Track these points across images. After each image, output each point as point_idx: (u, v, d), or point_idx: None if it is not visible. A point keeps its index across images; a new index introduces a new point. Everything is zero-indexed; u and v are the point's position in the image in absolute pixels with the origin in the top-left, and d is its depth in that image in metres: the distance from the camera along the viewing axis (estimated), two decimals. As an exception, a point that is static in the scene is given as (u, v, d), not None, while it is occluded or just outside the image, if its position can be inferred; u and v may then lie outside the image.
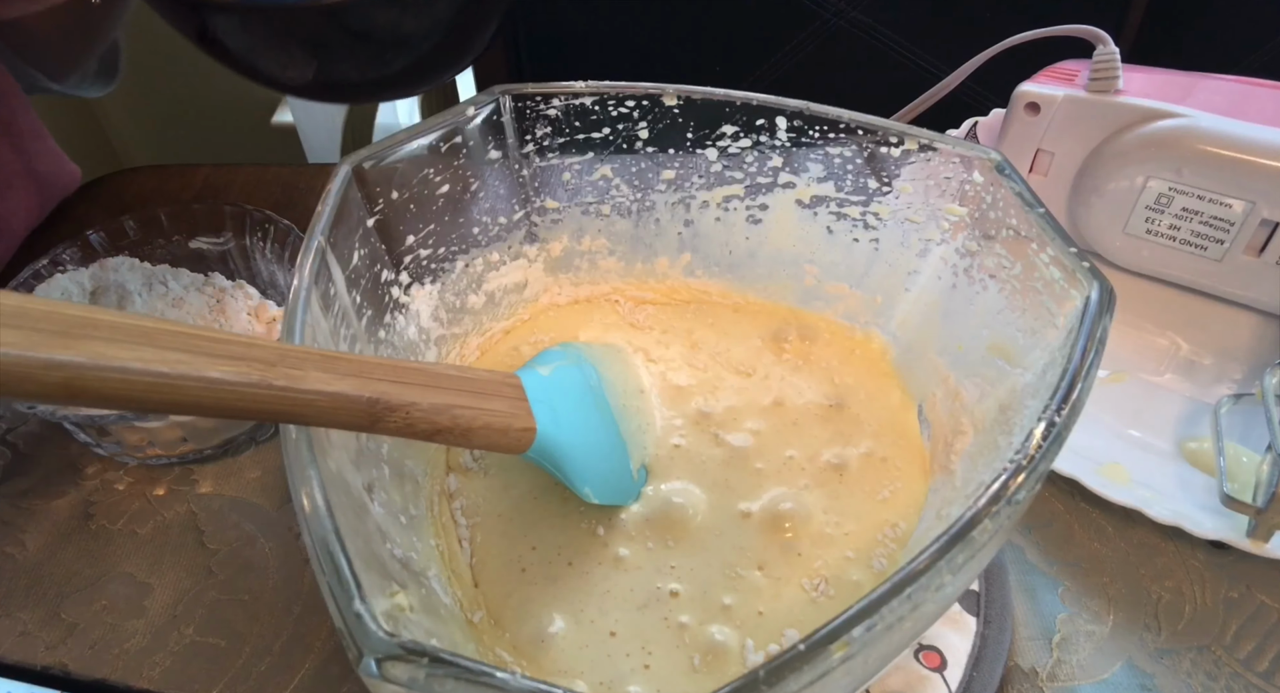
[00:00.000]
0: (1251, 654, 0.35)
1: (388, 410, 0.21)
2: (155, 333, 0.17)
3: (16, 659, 0.36)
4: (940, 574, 0.20)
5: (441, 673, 0.18)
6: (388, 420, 0.22)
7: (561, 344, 0.31)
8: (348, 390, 0.21)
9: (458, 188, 0.34)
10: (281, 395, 0.19)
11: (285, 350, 0.20)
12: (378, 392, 0.21)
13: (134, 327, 0.17)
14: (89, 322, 0.16)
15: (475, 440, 0.25)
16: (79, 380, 0.16)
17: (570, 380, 0.31)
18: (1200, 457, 0.40)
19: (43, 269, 0.44)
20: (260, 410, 0.20)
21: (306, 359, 0.20)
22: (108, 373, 0.16)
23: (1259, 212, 0.41)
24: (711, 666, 0.28)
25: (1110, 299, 0.25)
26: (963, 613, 0.34)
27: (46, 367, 0.16)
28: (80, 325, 0.16)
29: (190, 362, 0.18)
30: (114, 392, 0.17)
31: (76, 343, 0.16)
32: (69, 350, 0.16)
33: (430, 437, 0.23)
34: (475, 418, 0.24)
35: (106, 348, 0.16)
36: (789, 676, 0.18)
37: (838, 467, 0.33)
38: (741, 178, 0.37)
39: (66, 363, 0.16)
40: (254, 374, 0.19)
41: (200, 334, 0.18)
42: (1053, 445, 0.22)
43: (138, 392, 0.17)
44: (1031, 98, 0.45)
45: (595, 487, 0.30)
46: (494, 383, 0.26)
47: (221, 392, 0.18)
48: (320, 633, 0.36)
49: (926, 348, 0.35)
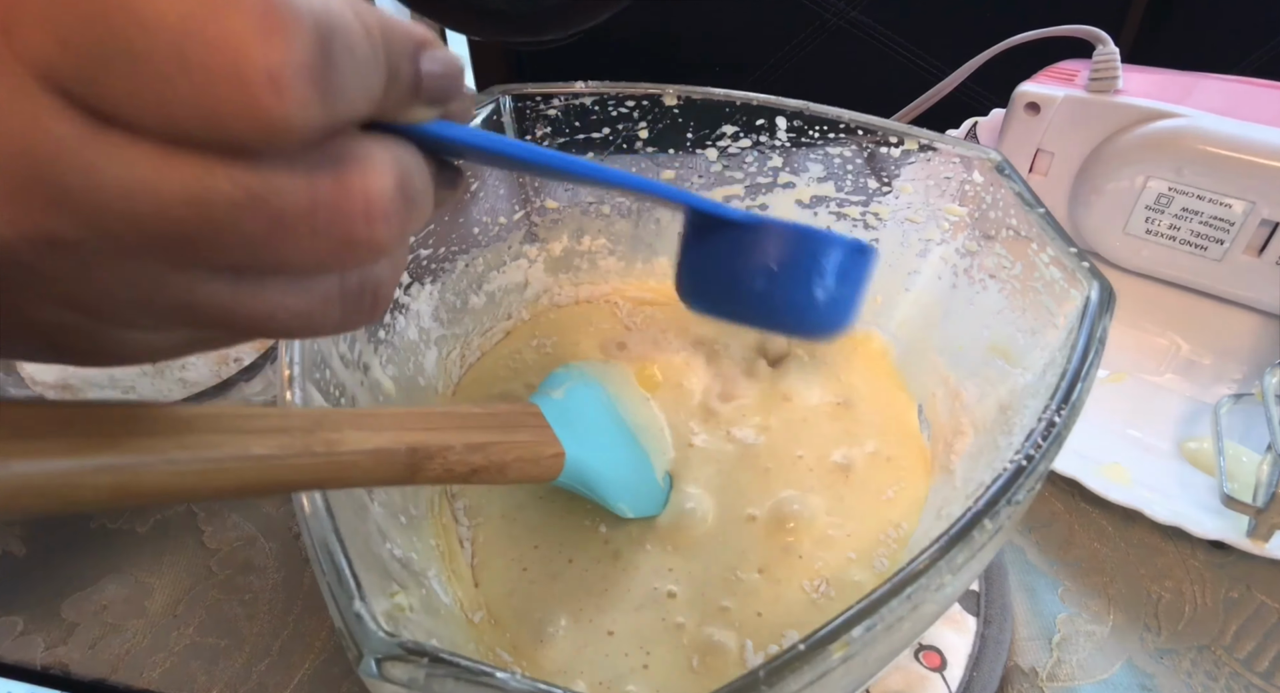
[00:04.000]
0: (1251, 654, 0.35)
1: (426, 458, 0.21)
2: (193, 419, 0.17)
3: (16, 659, 0.36)
4: (940, 574, 0.20)
5: (441, 673, 0.18)
6: (427, 469, 0.21)
7: (563, 366, 0.32)
8: (386, 445, 0.20)
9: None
10: (326, 461, 0.19)
11: (318, 415, 0.20)
12: (414, 441, 0.21)
13: (172, 416, 0.17)
14: (128, 417, 0.16)
15: (510, 474, 0.25)
16: (131, 481, 0.16)
17: (584, 400, 0.31)
18: (1200, 457, 0.40)
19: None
20: (307, 481, 0.19)
21: (340, 420, 0.20)
22: (158, 468, 0.16)
23: (1259, 212, 0.41)
24: (710, 666, 0.28)
25: (1110, 299, 0.25)
26: (963, 613, 0.34)
27: (97, 471, 0.15)
28: (120, 423, 0.16)
29: (233, 442, 0.17)
30: (166, 486, 0.16)
31: (120, 442, 0.16)
32: (115, 451, 0.15)
33: (468, 478, 0.23)
34: (508, 452, 0.24)
35: (150, 442, 0.16)
36: (789, 676, 0.18)
37: (844, 467, 0.33)
38: (741, 178, 0.37)
39: (115, 465, 0.15)
40: (296, 444, 0.18)
41: (234, 413, 0.18)
42: (1053, 445, 0.22)
43: (190, 482, 0.17)
44: (1031, 98, 0.45)
45: (629, 501, 0.30)
46: (516, 414, 0.26)
47: (269, 468, 0.18)
48: (320, 633, 0.36)
49: (927, 348, 0.35)
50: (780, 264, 0.25)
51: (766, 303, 0.25)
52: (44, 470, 0.14)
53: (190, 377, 0.42)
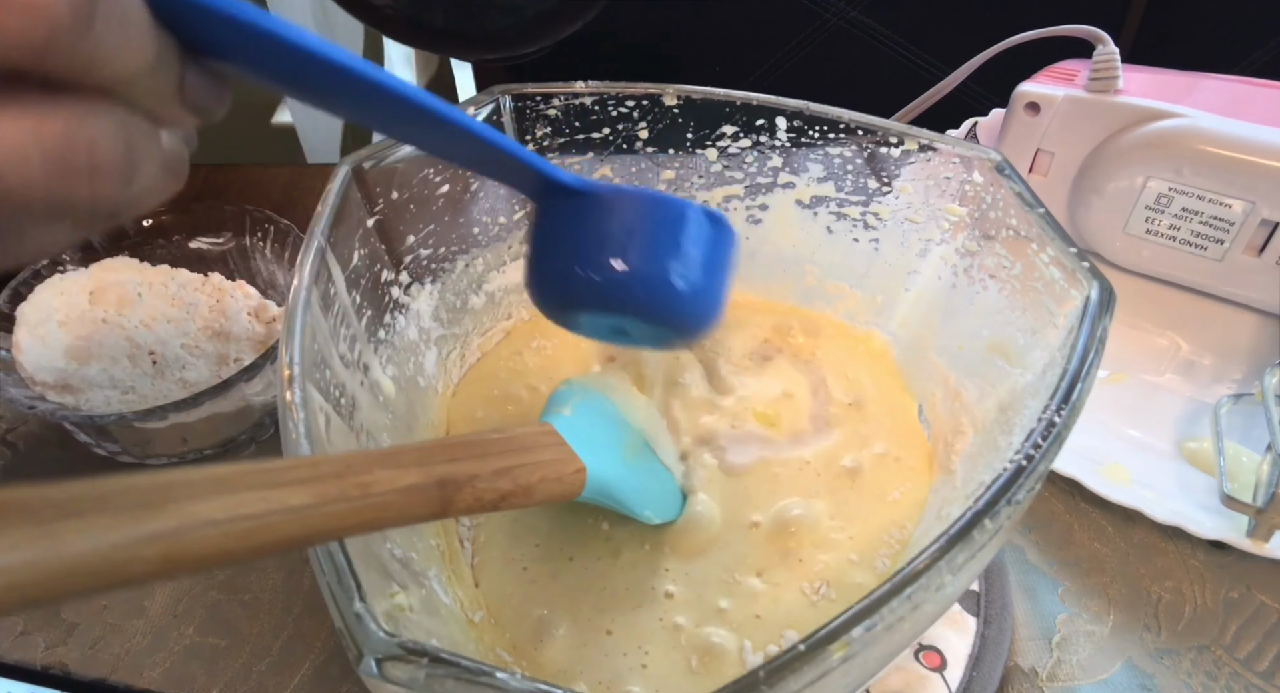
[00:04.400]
0: (1251, 654, 0.35)
1: (455, 490, 0.21)
2: (227, 478, 0.17)
3: (16, 659, 0.36)
4: (940, 574, 0.20)
5: (441, 673, 0.18)
6: (457, 500, 0.21)
7: (564, 383, 0.32)
8: (416, 481, 0.20)
9: (458, 188, 0.34)
10: (362, 505, 0.19)
11: (346, 459, 0.20)
12: (442, 474, 0.21)
13: (206, 478, 0.17)
14: (165, 485, 0.16)
15: (537, 496, 0.24)
16: (178, 547, 0.16)
17: (592, 414, 0.31)
18: (1200, 457, 0.40)
19: (43, 269, 0.44)
20: (348, 526, 0.19)
21: (368, 461, 0.20)
22: (203, 531, 0.16)
23: (1259, 212, 0.41)
24: (709, 667, 0.28)
25: (1110, 299, 0.25)
26: (963, 613, 0.34)
27: (146, 541, 0.15)
28: (159, 491, 0.16)
29: (270, 497, 0.17)
30: (212, 549, 0.16)
31: (162, 509, 0.16)
32: (160, 519, 0.15)
33: (498, 505, 0.23)
34: (532, 473, 0.24)
35: (191, 506, 0.16)
36: (789, 676, 0.18)
37: (851, 471, 0.33)
38: (741, 178, 0.37)
39: (161, 533, 0.15)
40: (331, 490, 0.18)
41: (265, 468, 0.18)
42: (1053, 445, 0.22)
43: (235, 543, 0.16)
44: (1031, 98, 0.45)
45: (653, 508, 0.30)
46: (533, 436, 0.26)
47: (309, 518, 0.18)
48: (320, 633, 0.36)
49: (927, 348, 0.35)
50: (629, 233, 0.24)
51: (617, 286, 0.24)
52: (95, 548, 0.14)
53: (190, 377, 0.42)
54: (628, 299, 0.24)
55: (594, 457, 0.27)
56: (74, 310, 0.43)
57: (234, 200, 0.48)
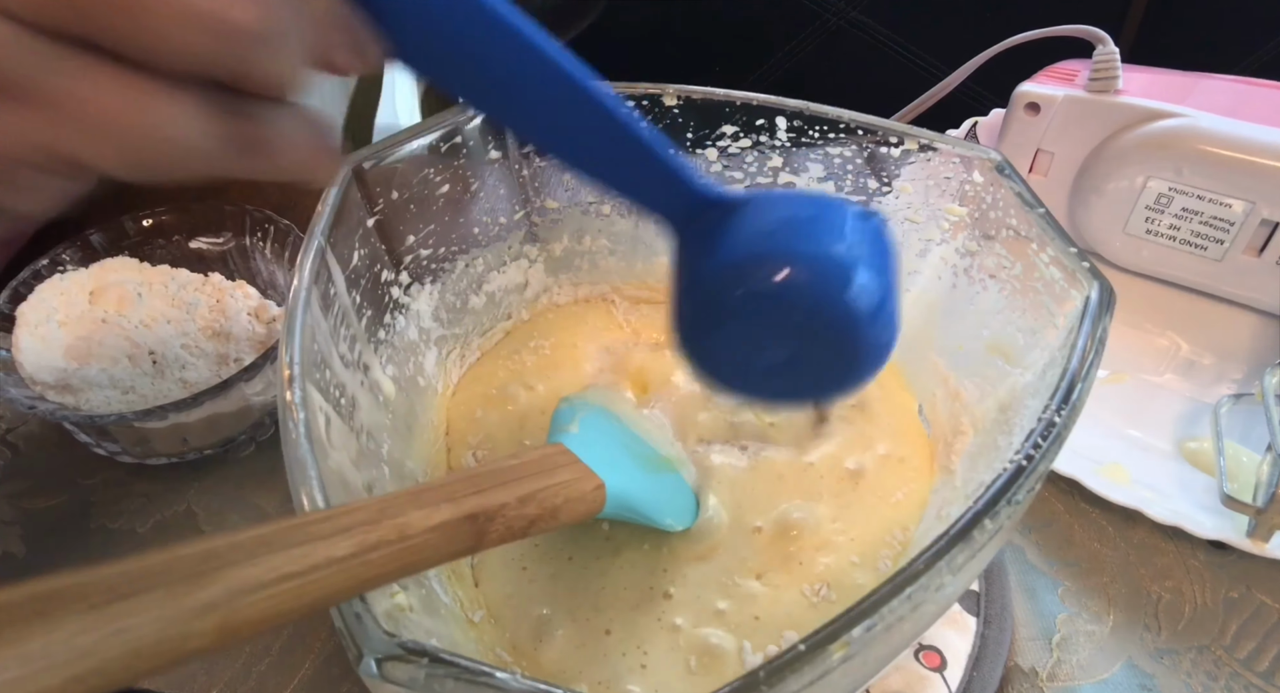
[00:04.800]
0: (1251, 654, 0.35)
1: (487, 521, 0.21)
2: (267, 537, 0.17)
3: (16, 659, 0.36)
4: (940, 575, 0.20)
5: (441, 673, 0.18)
6: (490, 532, 0.21)
7: (562, 401, 0.32)
8: (449, 517, 0.20)
9: (458, 188, 0.34)
10: (401, 548, 0.19)
11: (377, 504, 0.20)
12: (472, 507, 0.21)
13: (248, 539, 0.17)
14: (208, 553, 0.16)
15: (563, 517, 0.24)
16: (232, 615, 0.15)
17: (599, 429, 0.31)
18: (1200, 457, 0.40)
19: (43, 269, 0.44)
20: (391, 572, 0.19)
21: (400, 504, 0.20)
22: (254, 596, 0.16)
23: (1259, 212, 0.41)
24: (709, 667, 0.28)
25: (1110, 299, 0.25)
26: (963, 613, 0.34)
27: (200, 613, 0.15)
28: (204, 559, 0.16)
29: (312, 551, 0.17)
30: (266, 612, 0.16)
31: (211, 578, 0.16)
32: (210, 587, 0.15)
33: (527, 531, 0.23)
34: (556, 494, 0.24)
35: (237, 571, 0.16)
36: (789, 676, 0.18)
37: (855, 473, 0.33)
38: (741, 178, 0.37)
39: (214, 601, 0.15)
40: (370, 537, 0.18)
41: (302, 523, 0.18)
42: (1053, 445, 0.22)
43: (287, 603, 0.16)
44: (1031, 98, 0.45)
45: (674, 515, 0.30)
46: (548, 457, 0.26)
47: (353, 568, 0.18)
48: (320, 633, 0.36)
49: (927, 348, 0.35)
50: (797, 232, 0.21)
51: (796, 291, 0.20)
52: (152, 627, 0.14)
53: (190, 377, 0.42)
54: (810, 303, 0.21)
55: (609, 471, 0.27)
56: (74, 310, 0.43)
57: (234, 200, 0.48)
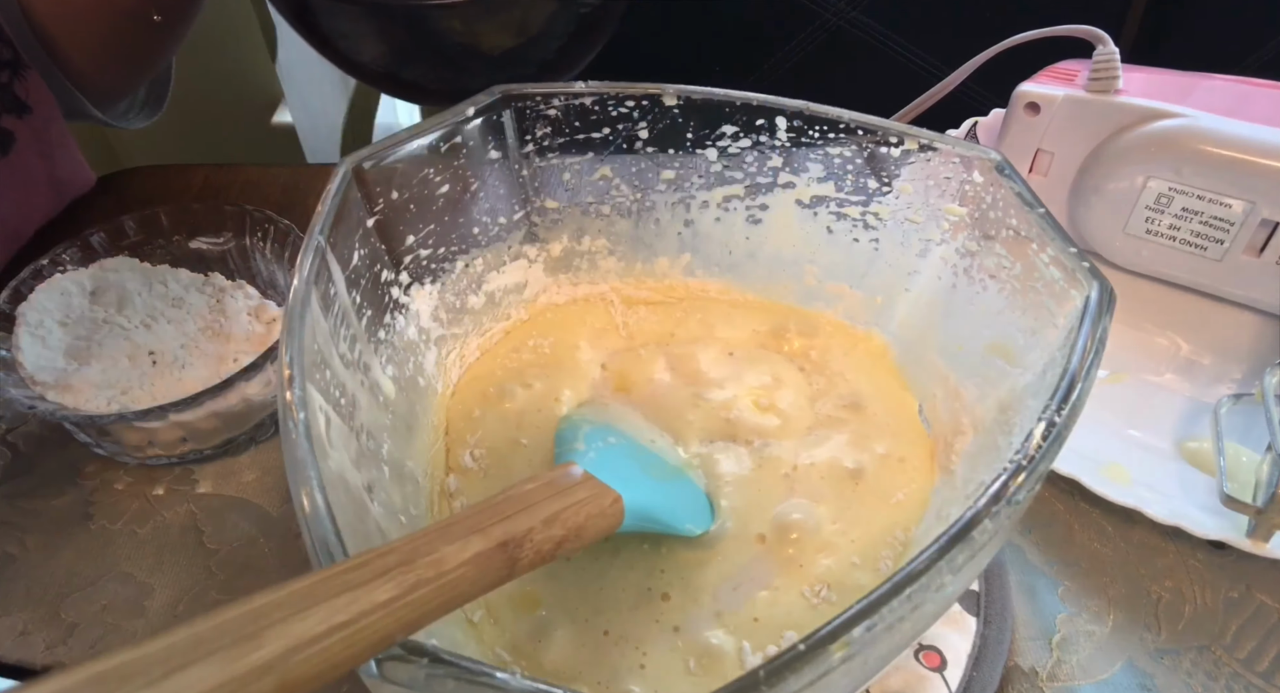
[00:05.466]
0: (1251, 654, 0.35)
1: (517, 548, 0.21)
2: (308, 590, 0.17)
3: (16, 659, 0.36)
4: (940, 574, 0.20)
5: (441, 673, 0.18)
6: (521, 558, 0.22)
7: (562, 419, 0.32)
8: (481, 548, 0.20)
9: (458, 188, 0.34)
10: (439, 585, 0.19)
11: (409, 544, 0.20)
12: (501, 535, 0.21)
13: (289, 595, 0.17)
14: (254, 613, 0.16)
15: (587, 535, 0.24)
16: (288, 674, 0.15)
17: (605, 443, 0.31)
18: (1200, 457, 0.40)
19: (43, 268, 0.44)
20: (434, 609, 0.19)
21: (429, 541, 0.20)
22: (307, 650, 0.16)
23: (1259, 212, 0.41)
24: (708, 667, 0.28)
25: (1110, 299, 0.25)
26: (963, 613, 0.34)
27: (258, 675, 0.15)
28: (252, 620, 0.16)
29: (356, 598, 0.17)
30: (322, 664, 0.16)
31: (261, 636, 0.16)
32: (262, 648, 0.15)
33: (554, 554, 0.23)
34: (578, 512, 0.24)
35: (287, 627, 0.16)
36: (789, 676, 0.18)
37: (855, 473, 0.33)
38: (741, 178, 0.37)
39: (269, 662, 0.15)
40: (409, 578, 0.18)
41: (341, 571, 0.18)
42: (1053, 445, 0.22)
43: (338, 655, 0.16)
44: (1031, 98, 0.45)
45: (693, 520, 0.30)
46: (563, 477, 0.26)
47: (397, 611, 0.18)
48: (320, 633, 0.36)
49: (927, 348, 0.35)
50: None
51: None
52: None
53: (190, 377, 0.42)
54: None
55: (624, 484, 0.27)
56: (74, 310, 0.43)
57: (234, 200, 0.48)
